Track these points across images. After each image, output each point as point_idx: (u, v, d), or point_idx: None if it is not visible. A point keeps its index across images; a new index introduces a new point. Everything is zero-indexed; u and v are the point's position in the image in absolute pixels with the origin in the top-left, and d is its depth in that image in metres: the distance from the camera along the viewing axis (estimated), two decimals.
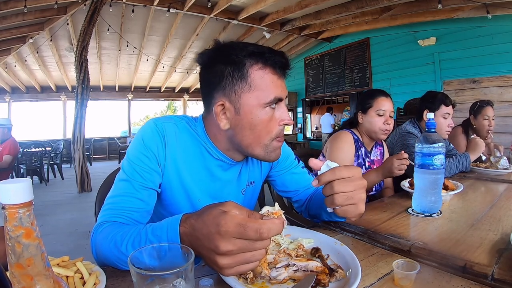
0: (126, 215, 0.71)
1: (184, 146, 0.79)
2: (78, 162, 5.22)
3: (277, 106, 0.75)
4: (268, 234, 0.49)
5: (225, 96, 0.73)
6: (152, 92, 11.02)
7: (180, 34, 6.68)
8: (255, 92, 0.71)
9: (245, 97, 0.72)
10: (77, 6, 5.16)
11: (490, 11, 4.22)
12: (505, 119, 4.43)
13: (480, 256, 0.65)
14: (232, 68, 0.72)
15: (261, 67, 0.72)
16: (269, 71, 0.73)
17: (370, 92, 1.59)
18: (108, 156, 10.66)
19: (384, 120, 1.49)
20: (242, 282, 0.55)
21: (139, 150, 0.75)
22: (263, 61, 0.72)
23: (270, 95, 0.72)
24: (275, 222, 0.50)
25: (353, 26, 6.22)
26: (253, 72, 0.71)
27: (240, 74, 0.71)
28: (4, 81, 8.59)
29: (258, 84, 0.71)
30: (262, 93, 0.71)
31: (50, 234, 3.19)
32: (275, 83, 0.73)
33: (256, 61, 0.72)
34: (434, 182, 0.95)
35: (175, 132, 0.79)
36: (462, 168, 1.67)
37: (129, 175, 0.74)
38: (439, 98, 1.80)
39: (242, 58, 0.71)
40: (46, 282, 0.35)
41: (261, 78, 0.72)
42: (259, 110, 0.72)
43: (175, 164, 0.78)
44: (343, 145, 1.52)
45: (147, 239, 0.59)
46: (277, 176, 1.00)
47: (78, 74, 5.07)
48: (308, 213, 0.98)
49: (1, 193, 0.33)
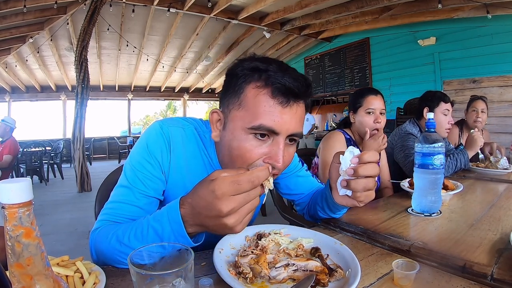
0: (125, 218, 0.70)
1: (189, 153, 0.75)
2: (78, 162, 5.21)
3: (271, 141, 0.63)
4: (259, 181, 0.52)
5: (222, 107, 0.69)
6: (152, 91, 11.01)
7: (180, 33, 6.68)
8: (242, 112, 0.63)
9: (234, 114, 0.65)
10: (77, 6, 5.16)
11: (490, 11, 4.22)
12: (505, 119, 4.43)
13: (479, 256, 0.65)
14: (230, 80, 0.67)
15: (260, 85, 0.62)
16: (267, 92, 0.61)
17: (360, 91, 1.59)
18: (108, 156, 10.66)
19: (374, 119, 1.49)
20: (242, 282, 0.55)
21: (143, 155, 0.72)
22: (265, 79, 0.62)
23: (255, 120, 0.61)
24: (261, 169, 0.53)
25: (353, 26, 6.21)
26: (248, 89, 0.63)
27: (236, 89, 0.64)
28: (4, 80, 8.59)
29: (248, 104, 0.62)
30: (248, 115, 0.62)
31: (50, 233, 3.19)
32: (270, 108, 0.61)
33: (257, 78, 0.62)
34: (433, 182, 0.95)
35: (181, 137, 0.75)
36: (461, 165, 1.66)
37: (131, 182, 0.71)
38: (438, 95, 1.83)
39: (241, 71, 0.64)
40: (45, 281, 0.35)
41: (253, 98, 0.62)
42: (241, 133, 0.63)
43: (180, 171, 0.74)
44: (334, 144, 1.53)
45: (149, 226, 0.59)
46: (282, 179, 0.98)
47: (78, 73, 5.07)
48: (309, 214, 0.98)
49: (1, 192, 0.33)
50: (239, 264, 0.58)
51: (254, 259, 0.61)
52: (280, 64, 0.64)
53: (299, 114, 0.65)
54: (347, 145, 1.52)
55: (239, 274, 0.57)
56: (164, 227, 0.57)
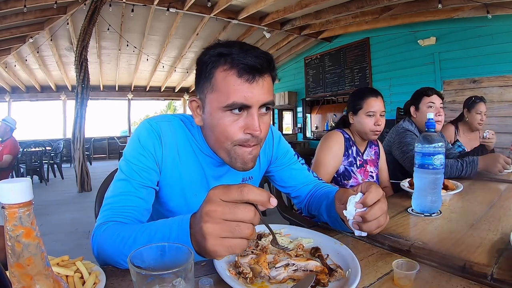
0: (127, 214, 0.71)
1: (179, 143, 0.80)
2: (78, 162, 5.21)
3: (246, 114, 0.70)
4: (249, 193, 0.48)
5: (198, 94, 0.75)
6: (152, 91, 11.01)
7: (180, 33, 6.68)
8: (215, 94, 0.70)
9: (209, 98, 0.71)
10: (77, 6, 5.15)
11: (490, 11, 4.21)
12: (505, 119, 4.42)
13: (479, 256, 0.65)
14: (201, 68, 0.72)
15: (227, 68, 0.68)
16: (234, 73, 0.67)
17: (360, 92, 1.56)
18: (108, 156, 10.66)
19: (374, 121, 1.48)
20: (242, 282, 0.55)
21: (136, 150, 0.76)
22: (230, 62, 0.68)
23: (228, 99, 0.67)
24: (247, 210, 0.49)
25: (353, 26, 6.21)
26: (217, 73, 0.69)
27: (206, 75, 0.71)
28: (4, 80, 8.59)
29: (219, 86, 0.69)
30: (221, 96, 0.68)
31: (50, 233, 3.19)
32: (238, 87, 0.67)
33: (223, 62, 0.68)
34: (433, 182, 0.95)
35: (170, 130, 0.80)
36: (465, 175, 1.55)
37: (128, 175, 0.74)
38: (420, 91, 1.88)
39: (209, 58, 0.70)
40: (45, 281, 0.35)
41: (223, 80, 0.68)
42: (219, 112, 0.70)
43: (173, 161, 0.79)
44: (332, 144, 1.52)
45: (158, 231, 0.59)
46: (276, 171, 1.01)
47: (78, 73, 5.07)
48: (308, 211, 0.98)
49: (1, 192, 0.33)
50: (239, 264, 0.58)
51: (254, 259, 0.61)
52: (242, 45, 0.70)
53: (266, 86, 0.71)
54: (346, 145, 1.52)
55: (239, 274, 0.57)
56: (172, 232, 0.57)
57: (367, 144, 1.63)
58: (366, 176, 1.57)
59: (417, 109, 1.87)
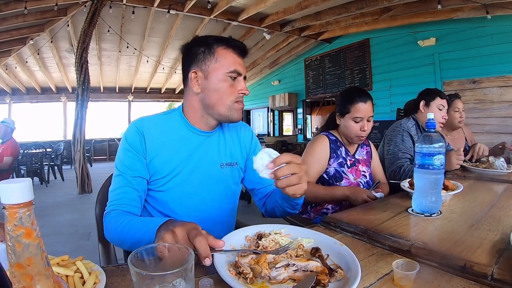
0: (126, 202, 0.89)
1: (162, 129, 0.97)
2: (79, 163, 5.22)
3: (237, 80, 0.97)
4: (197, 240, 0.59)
5: (198, 67, 0.96)
6: (152, 93, 11.02)
7: (180, 35, 6.68)
8: (219, 64, 0.95)
9: (213, 67, 0.95)
10: (77, 8, 5.17)
11: (490, 11, 4.21)
12: (505, 119, 4.42)
13: (480, 256, 0.65)
14: (204, 48, 0.96)
15: (225, 47, 0.96)
16: (231, 51, 0.97)
17: (349, 94, 1.52)
18: (109, 157, 10.66)
19: (360, 127, 1.47)
20: (242, 282, 0.55)
21: (125, 148, 0.94)
22: (227, 43, 0.97)
23: (230, 67, 0.95)
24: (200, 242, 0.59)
25: (353, 27, 6.21)
26: (219, 50, 0.95)
27: (210, 52, 0.95)
28: (4, 82, 8.60)
29: (222, 58, 0.95)
30: (224, 65, 0.95)
31: (51, 235, 3.19)
32: (235, 60, 0.96)
33: (222, 44, 0.96)
34: (434, 182, 0.95)
35: (151, 122, 0.97)
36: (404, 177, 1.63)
37: (121, 171, 0.92)
38: (435, 90, 1.93)
39: (212, 41, 0.96)
40: (46, 281, 0.35)
41: (224, 55, 0.95)
42: (222, 77, 0.95)
43: (158, 149, 0.95)
44: (316, 148, 1.52)
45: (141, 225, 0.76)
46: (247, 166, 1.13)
47: (78, 75, 5.08)
48: (266, 208, 1.10)
49: (2, 193, 0.33)
50: (240, 264, 0.58)
51: (255, 259, 0.61)
52: (230, 37, 1.00)
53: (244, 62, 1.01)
54: (333, 147, 1.53)
55: (239, 274, 0.57)
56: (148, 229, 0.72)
57: (358, 144, 1.62)
58: (359, 176, 1.56)
59: (427, 105, 1.89)
